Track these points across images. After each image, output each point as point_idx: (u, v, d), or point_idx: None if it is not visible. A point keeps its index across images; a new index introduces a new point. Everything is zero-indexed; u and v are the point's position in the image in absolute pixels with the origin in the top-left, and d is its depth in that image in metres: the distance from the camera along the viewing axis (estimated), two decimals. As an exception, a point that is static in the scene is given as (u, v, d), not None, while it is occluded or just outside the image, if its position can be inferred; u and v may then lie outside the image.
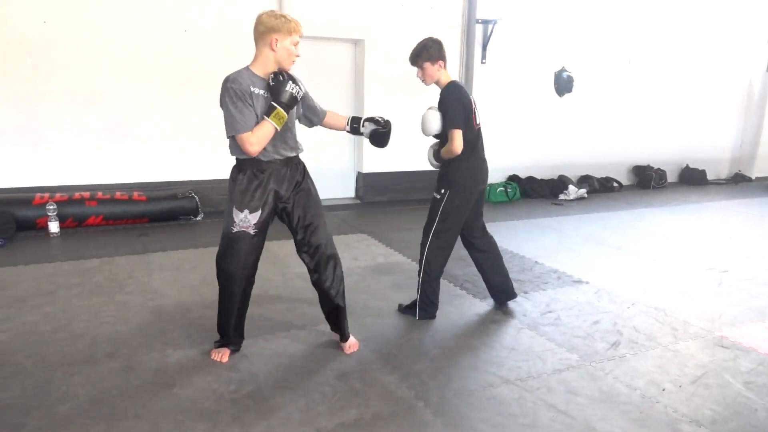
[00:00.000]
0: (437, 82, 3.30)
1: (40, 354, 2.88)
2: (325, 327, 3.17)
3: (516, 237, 5.57)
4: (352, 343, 3.03)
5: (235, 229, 2.70)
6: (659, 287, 4.15)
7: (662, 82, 9.08)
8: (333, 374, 2.76)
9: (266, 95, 2.59)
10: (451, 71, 7.30)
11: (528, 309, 3.67)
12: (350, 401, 2.53)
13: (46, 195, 5.36)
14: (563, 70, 8.15)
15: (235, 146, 2.63)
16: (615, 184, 8.64)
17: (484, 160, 3.47)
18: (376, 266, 4.54)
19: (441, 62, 3.25)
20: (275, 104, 2.54)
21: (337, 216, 6.29)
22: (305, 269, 2.95)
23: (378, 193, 7.27)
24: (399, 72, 6.97)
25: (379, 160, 7.18)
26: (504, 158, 7.93)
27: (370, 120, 3.01)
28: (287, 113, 2.59)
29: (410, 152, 7.29)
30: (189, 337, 3.13)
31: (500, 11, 7.26)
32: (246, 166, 2.68)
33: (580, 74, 8.26)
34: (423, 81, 3.33)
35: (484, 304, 3.74)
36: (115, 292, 3.79)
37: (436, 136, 3.38)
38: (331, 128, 3.14)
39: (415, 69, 3.33)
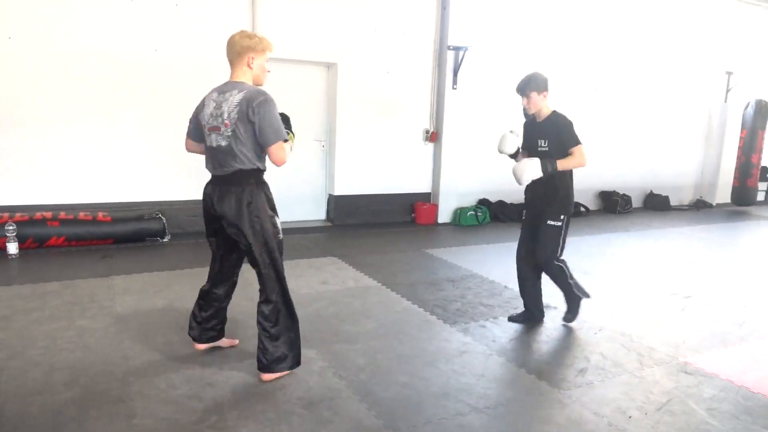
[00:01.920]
0: (539, 112, 3.65)
1: (-9, 383, 2.75)
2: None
3: (486, 261, 5.61)
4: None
5: (281, 236, 2.89)
6: (625, 312, 4.22)
7: (628, 110, 9.36)
8: (300, 403, 2.70)
9: None
10: (423, 96, 7.51)
11: (497, 335, 3.68)
12: (318, 431, 2.47)
13: (6, 215, 5.18)
14: (532, 97, 8.32)
15: (258, 155, 2.78)
16: (582, 209, 8.82)
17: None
18: (345, 290, 4.50)
19: (545, 93, 3.61)
20: (288, 130, 2.89)
21: (308, 239, 6.24)
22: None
23: (349, 216, 7.26)
24: (371, 95, 7.06)
25: (350, 183, 7.18)
26: (474, 182, 8.03)
27: None
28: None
29: (382, 175, 7.34)
30: (152, 365, 3.03)
31: (471, 38, 7.41)
32: (261, 177, 2.85)
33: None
34: (527, 109, 3.68)
35: (454, 330, 3.74)
36: (75, 316, 3.66)
37: (511, 156, 3.77)
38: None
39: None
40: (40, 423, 2.43)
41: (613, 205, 9.18)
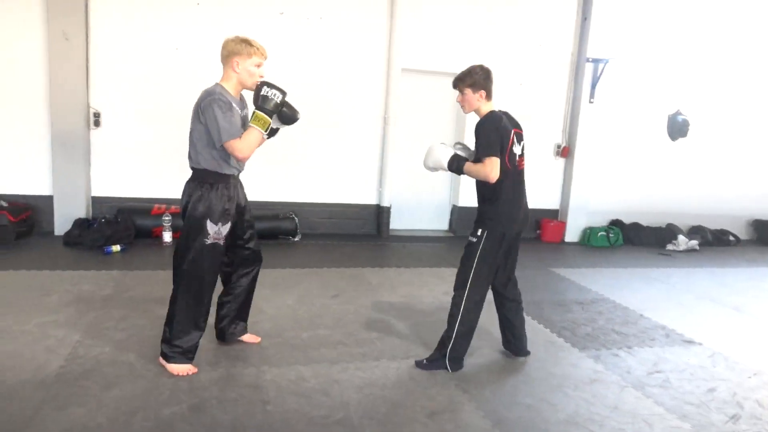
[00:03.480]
0: (476, 111, 3.13)
1: (148, 356, 3.06)
2: (416, 359, 3.15)
3: (618, 286, 5.25)
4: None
5: (209, 241, 2.84)
6: (786, 358, 3.73)
7: (792, 130, 8.33)
8: (424, 412, 2.69)
9: (240, 112, 2.84)
10: (556, 109, 7.24)
11: (632, 366, 3.42)
12: (440, 443, 2.45)
13: (163, 206, 5.78)
14: (678, 113, 7.71)
15: (212, 156, 2.77)
16: (731, 238, 7.96)
17: (523, 203, 3.25)
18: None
19: (483, 92, 3.09)
20: (257, 110, 2.74)
21: (430, 248, 6.26)
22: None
23: (471, 228, 7.15)
24: (503, 107, 6.92)
25: (474, 195, 7.08)
26: (607, 201, 7.59)
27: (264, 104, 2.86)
28: (270, 117, 2.76)
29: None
30: (284, 357, 3.20)
31: (612, 50, 7.02)
32: (216, 179, 2.82)
33: (696, 118, 7.77)
34: (462, 107, 3.18)
35: (583, 355, 3.53)
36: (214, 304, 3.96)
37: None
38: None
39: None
40: (189, 398, 2.65)
41: (769, 236, 8.19)
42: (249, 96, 2.92)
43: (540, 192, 7.33)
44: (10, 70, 5.55)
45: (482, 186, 3.16)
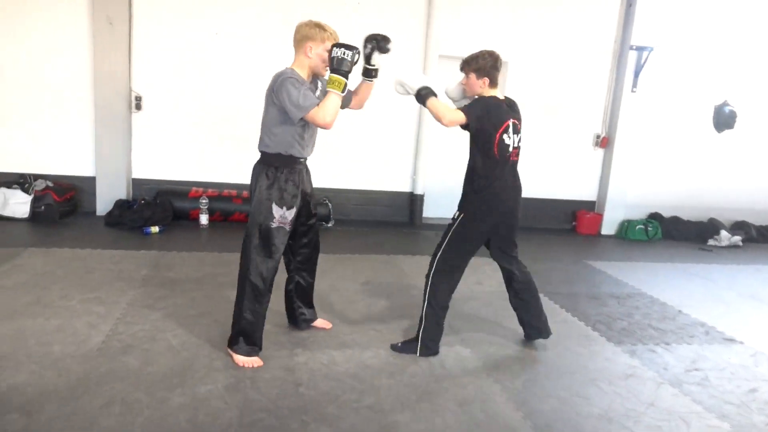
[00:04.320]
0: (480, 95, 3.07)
1: (185, 335, 3.14)
2: (448, 347, 3.14)
3: (656, 281, 5.12)
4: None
5: (274, 224, 2.83)
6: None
7: None
8: (454, 400, 2.69)
9: (316, 93, 2.79)
10: (596, 98, 7.06)
11: (669, 362, 3.34)
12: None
13: (200, 189, 5.89)
14: (725, 104, 7.42)
15: (285, 138, 2.77)
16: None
17: (513, 190, 3.12)
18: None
19: (486, 79, 3.02)
20: (332, 73, 2.68)
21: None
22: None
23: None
24: (540, 95, 6.82)
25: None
26: (646, 193, 7.38)
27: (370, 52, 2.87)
28: (345, 78, 2.68)
29: (543, 178, 7.04)
30: (315, 340, 3.23)
31: (657, 38, 6.79)
32: (283, 163, 2.81)
33: (744, 110, 7.47)
34: (464, 90, 3.15)
35: (618, 350, 3.47)
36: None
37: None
38: (361, 104, 3.13)
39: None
40: (224, 377, 2.71)
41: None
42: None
43: (576, 183, 7.19)
44: (58, 56, 5.71)
45: (470, 170, 3.08)
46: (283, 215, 2.83)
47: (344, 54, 2.66)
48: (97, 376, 2.63)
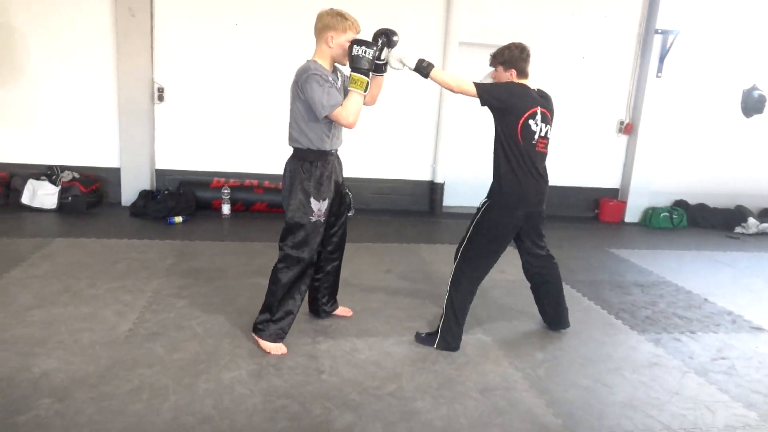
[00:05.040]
0: None
1: (209, 323, 3.19)
2: (470, 335, 3.14)
3: (681, 269, 5.04)
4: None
5: (313, 218, 2.84)
6: None
7: None
8: (476, 387, 2.70)
9: (336, 85, 2.76)
10: (620, 84, 6.93)
11: (695, 351, 3.30)
12: (493, 419, 2.45)
13: (222, 180, 5.96)
14: (754, 88, 7.23)
15: (315, 133, 2.76)
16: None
17: (538, 181, 3.05)
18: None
19: (513, 71, 2.99)
20: (352, 72, 2.66)
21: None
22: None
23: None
24: (562, 81, 6.71)
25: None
26: (671, 180, 7.25)
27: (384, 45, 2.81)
28: (367, 76, 2.67)
29: (566, 165, 6.95)
30: (337, 328, 3.26)
31: (683, 21, 6.63)
32: (316, 157, 2.81)
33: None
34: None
35: (643, 338, 3.43)
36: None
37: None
38: (374, 99, 3.08)
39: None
40: (246, 364, 2.75)
41: None
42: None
43: (599, 170, 7.08)
44: (82, 49, 5.79)
45: (495, 157, 3.04)
46: (320, 208, 2.84)
47: (365, 52, 2.65)
48: (125, 362, 2.69)
